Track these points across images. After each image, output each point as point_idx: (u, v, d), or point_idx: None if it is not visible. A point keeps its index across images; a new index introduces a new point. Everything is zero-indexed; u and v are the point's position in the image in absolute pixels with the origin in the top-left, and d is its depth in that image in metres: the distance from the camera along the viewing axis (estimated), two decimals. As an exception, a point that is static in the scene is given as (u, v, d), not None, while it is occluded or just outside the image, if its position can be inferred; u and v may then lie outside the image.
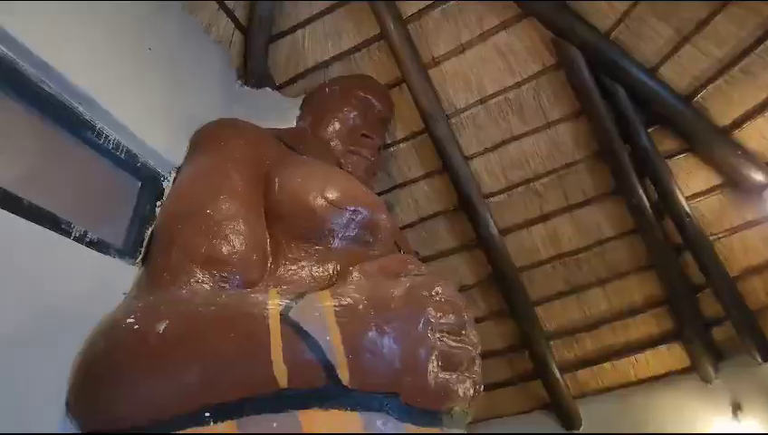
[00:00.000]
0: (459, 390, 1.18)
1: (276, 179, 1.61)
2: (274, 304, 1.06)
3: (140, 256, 1.40)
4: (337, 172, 1.70)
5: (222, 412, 0.96)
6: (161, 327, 1.01)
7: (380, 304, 1.12)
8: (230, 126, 1.79)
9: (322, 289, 1.23)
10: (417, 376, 1.08)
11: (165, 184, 1.65)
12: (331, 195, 1.50)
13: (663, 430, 2.62)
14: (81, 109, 1.37)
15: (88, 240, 1.24)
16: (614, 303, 2.74)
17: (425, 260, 2.79)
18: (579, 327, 2.80)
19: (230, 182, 1.50)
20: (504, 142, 2.52)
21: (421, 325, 1.12)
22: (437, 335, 1.14)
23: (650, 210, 2.42)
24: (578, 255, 2.67)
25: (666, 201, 2.39)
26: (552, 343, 2.82)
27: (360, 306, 1.10)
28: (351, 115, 2.16)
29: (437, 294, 1.23)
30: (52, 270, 1.10)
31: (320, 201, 1.47)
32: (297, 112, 2.20)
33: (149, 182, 1.61)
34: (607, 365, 2.82)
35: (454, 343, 1.18)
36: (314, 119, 2.16)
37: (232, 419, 0.96)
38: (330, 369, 1.02)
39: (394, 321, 1.09)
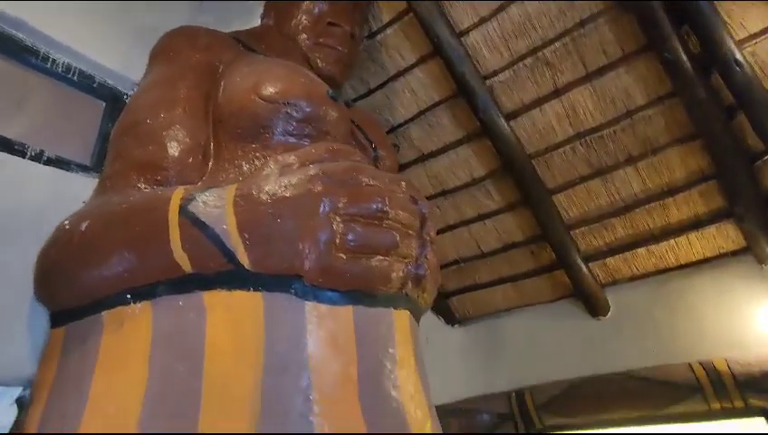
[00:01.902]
0: (379, 273, 1.19)
1: (222, 82, 1.59)
2: (176, 197, 1.11)
3: (103, 170, 1.53)
4: (279, 66, 1.62)
5: (139, 294, 1.08)
6: (84, 225, 1.13)
7: (280, 189, 1.12)
8: (182, 35, 1.76)
9: (246, 184, 1.25)
10: (317, 259, 1.09)
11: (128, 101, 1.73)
12: (264, 90, 1.45)
13: (701, 314, 2.41)
14: (20, 36, 1.44)
15: (45, 159, 1.38)
16: (650, 182, 2.41)
17: (432, 155, 2.68)
18: (607, 213, 2.55)
19: (173, 91, 1.52)
20: (501, 7, 2.15)
21: (321, 209, 1.10)
22: (341, 219, 1.12)
23: (690, 65, 1.97)
24: (602, 131, 2.33)
25: (710, 50, 1.91)
26: (576, 231, 2.63)
27: (260, 194, 1.11)
28: (316, 3, 1.99)
29: (353, 179, 1.19)
30: (7, 187, 1.25)
31: (251, 97, 1.44)
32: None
33: (112, 101, 1.69)
34: (641, 251, 2.59)
35: (367, 228, 1.16)
36: (277, 13, 2.02)
37: (147, 299, 1.07)
38: (230, 254, 1.07)
39: (291, 205, 1.10)
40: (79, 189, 1.44)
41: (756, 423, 2.19)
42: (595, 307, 2.68)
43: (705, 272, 2.48)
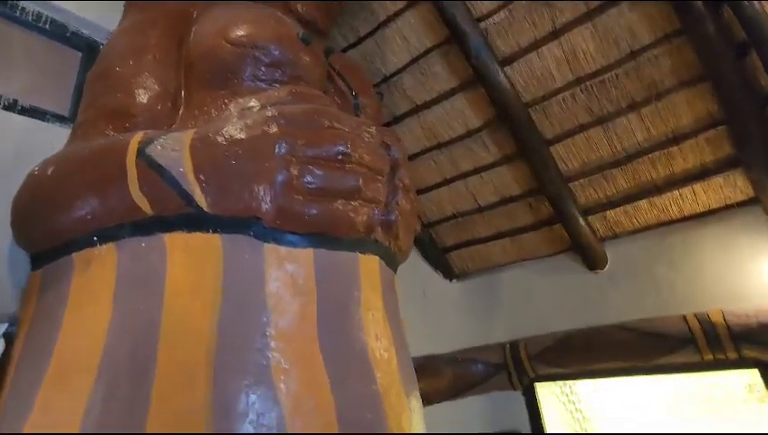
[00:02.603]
0: (342, 216, 1.19)
1: (194, 29, 1.56)
2: (135, 141, 1.12)
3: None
4: (249, 11, 1.56)
5: (105, 236, 1.12)
6: (50, 170, 1.16)
7: (236, 131, 1.11)
8: (156, -19, 1.71)
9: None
10: (274, 202, 1.10)
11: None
12: (231, 33, 1.42)
13: (702, 268, 2.35)
14: (-14, -17, 1.43)
15: (19, 108, 1.40)
16: (654, 130, 2.29)
17: (426, 106, 2.60)
18: (608, 164, 2.45)
19: (143, 38, 1.50)
20: (495, -62, 2.00)
21: (277, 151, 1.09)
22: (298, 161, 1.11)
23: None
24: (603, 75, 2.20)
25: (722, -21, 1.75)
26: (575, 183, 2.55)
27: (217, 136, 1.11)
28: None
29: (313, 121, 1.17)
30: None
31: (218, 42, 1.41)
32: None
33: (88, 51, 1.68)
34: (643, 203, 2.50)
35: (327, 170, 1.14)
36: (256, -45, 1.93)
37: (112, 241, 1.11)
38: (187, 197, 1.09)
39: (246, 147, 1.09)
40: (55, 139, 1.46)
41: (750, 374, 2.17)
42: (593, 261, 2.64)
43: (710, 224, 2.39)
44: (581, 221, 2.56)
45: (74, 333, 1.05)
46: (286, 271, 1.12)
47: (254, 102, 1.24)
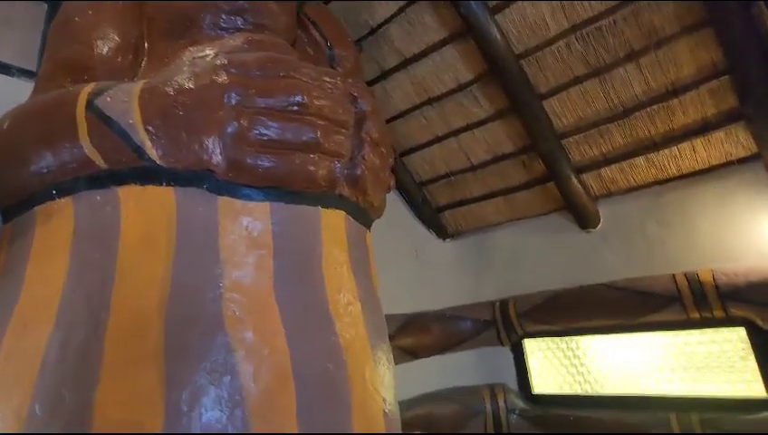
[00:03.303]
0: (299, 170, 1.16)
1: (155, -24, 1.50)
2: (84, 93, 1.10)
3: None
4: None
5: (62, 190, 1.12)
6: (6, 124, 1.15)
7: (184, 81, 1.08)
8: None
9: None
10: (224, 154, 1.07)
11: (67, 2, 1.66)
12: (190, -22, 1.35)
13: (697, 227, 2.29)
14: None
15: (-19, 62, 1.38)
16: (653, 82, 2.17)
17: (415, 59, 2.50)
18: (604, 118, 2.35)
19: (103, -10, 1.45)
20: None
21: (226, 101, 1.06)
22: (250, 112, 1.08)
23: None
24: (600, 22, 2.07)
25: None
26: (570, 139, 2.47)
27: (165, 86, 1.08)
28: None
29: (266, 70, 1.12)
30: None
31: (175, -11, 1.35)
32: None
33: (55, 3, 1.63)
34: (640, 160, 2.41)
35: (281, 122, 1.11)
36: None
37: (70, 195, 1.11)
38: (139, 149, 1.07)
39: (194, 97, 1.06)
40: (22, 95, 1.45)
41: (736, 333, 2.16)
42: (585, 220, 2.59)
43: (708, 182, 2.30)
44: (574, 179, 2.49)
45: (36, 284, 1.07)
46: (241, 224, 1.11)
47: (208, 51, 1.20)
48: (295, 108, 1.15)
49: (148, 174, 1.10)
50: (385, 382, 1.38)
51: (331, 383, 1.15)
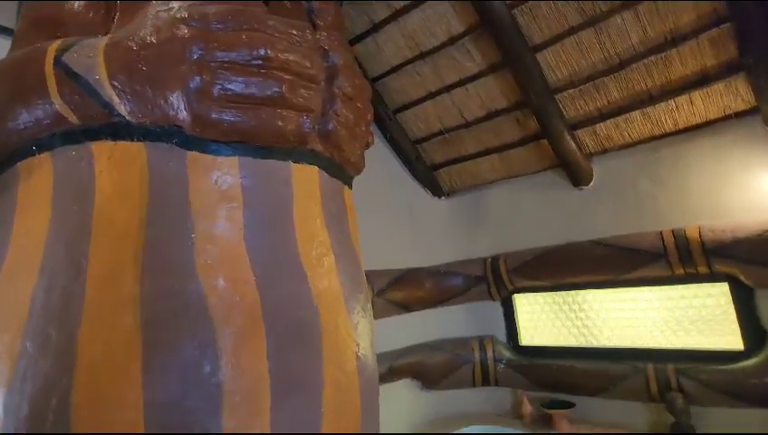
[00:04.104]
0: (266, 124, 1.18)
1: (125, -76, 1.46)
2: (52, 49, 1.12)
3: (26, 32, 1.54)
4: None
5: (41, 146, 1.17)
6: (-20, 83, 1.19)
7: (147, 35, 1.09)
8: None
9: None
10: (189, 109, 1.10)
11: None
12: (156, -74, 1.32)
13: (689, 183, 2.26)
14: None
15: (-41, 20, 1.39)
16: (651, 31, 2.07)
17: (405, 11, 2.42)
18: (600, 71, 2.28)
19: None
20: None
21: (188, 55, 1.07)
22: (212, 66, 1.09)
23: None
24: (597, -34, 1.96)
25: None
26: (564, 94, 2.41)
27: (129, 41, 1.09)
28: None
29: (228, 22, 1.12)
30: None
31: (142, -63, 1.32)
32: None
33: (28, -44, 1.61)
34: (636, 115, 2.35)
35: (244, 76, 1.12)
36: None
37: (48, 150, 1.16)
38: (108, 105, 1.10)
39: (156, 51, 1.07)
40: (2, 54, 1.47)
41: (719, 288, 2.18)
42: (578, 177, 2.58)
43: (704, 137, 2.25)
44: (567, 136, 2.45)
45: (22, 236, 1.15)
46: (210, 178, 1.15)
47: (172, 3, 1.19)
48: (259, 62, 1.15)
49: (118, 130, 1.13)
50: (359, 329, 1.45)
51: (301, 327, 1.22)
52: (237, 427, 1.07)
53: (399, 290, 2.81)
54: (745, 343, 2.06)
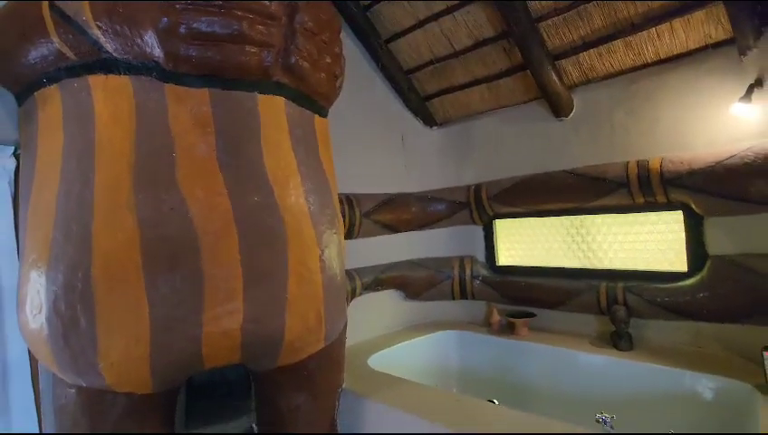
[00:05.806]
0: (230, 59, 1.38)
1: None
2: (48, -4, 1.32)
3: None
4: None
5: (50, 79, 1.42)
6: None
7: (126, -18, 1.27)
8: None
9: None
10: (161, 46, 1.30)
11: None
12: None
13: (661, 115, 2.32)
14: None
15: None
16: (635, -45, 2.03)
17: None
18: (582, -2, 2.26)
19: None
20: None
21: (160, -2, 1.26)
22: (179, 7, 1.27)
23: None
24: None
25: None
26: (548, 22, 2.41)
27: (109, -13, 1.28)
28: None
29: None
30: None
31: None
32: None
33: None
34: (618, 44, 2.36)
35: (207, 15, 1.31)
36: None
37: (56, 82, 1.42)
38: (96, 43, 1.32)
39: (134, -4, 1.26)
40: None
41: (674, 216, 2.33)
42: (558, 107, 2.65)
43: (681, 68, 2.26)
44: (547, 66, 2.49)
45: (44, 154, 1.44)
46: (185, 106, 1.39)
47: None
48: (220, 2, 1.32)
49: (108, 65, 1.37)
50: (324, 239, 1.73)
51: (268, 231, 1.51)
52: (216, 304, 1.40)
53: (389, 212, 3.08)
54: (689, 266, 2.25)
